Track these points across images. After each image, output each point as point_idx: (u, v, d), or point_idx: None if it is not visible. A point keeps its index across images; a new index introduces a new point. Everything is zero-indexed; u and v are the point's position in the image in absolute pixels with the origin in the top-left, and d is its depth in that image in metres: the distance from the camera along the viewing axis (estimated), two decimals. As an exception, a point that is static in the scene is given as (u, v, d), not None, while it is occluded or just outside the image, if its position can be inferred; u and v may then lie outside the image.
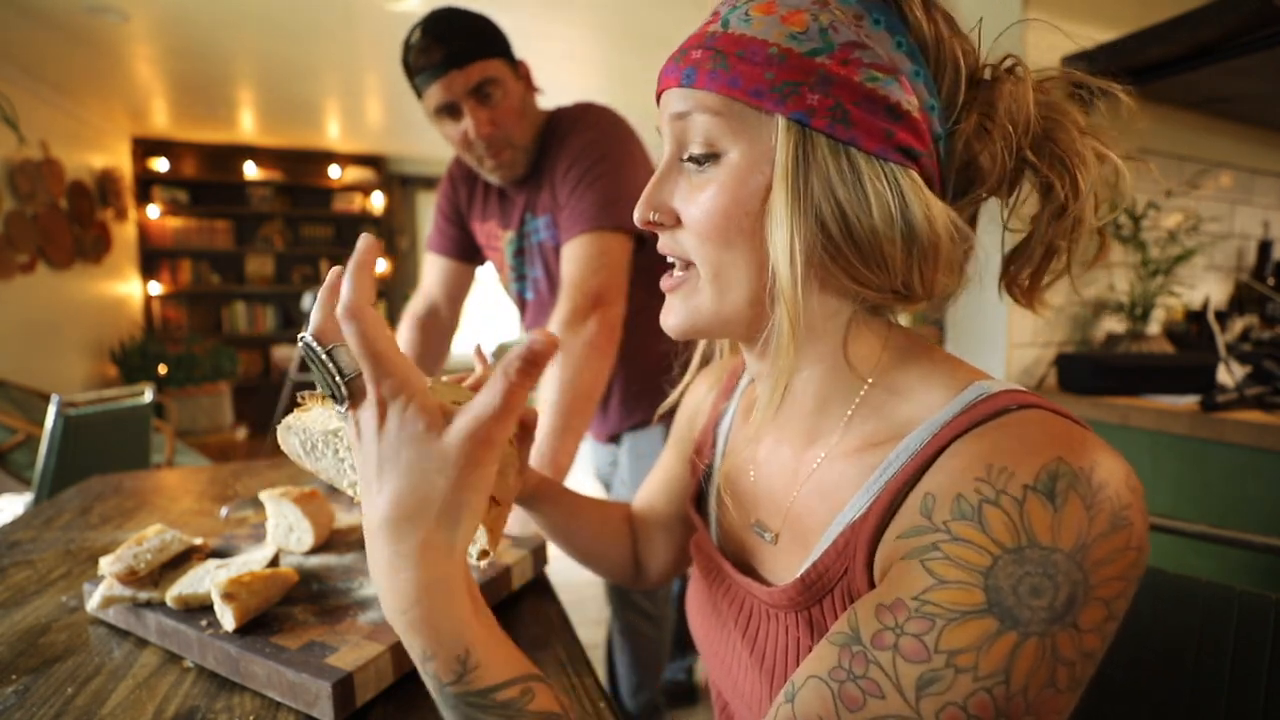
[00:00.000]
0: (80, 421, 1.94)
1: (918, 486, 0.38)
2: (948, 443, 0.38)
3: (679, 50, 0.43)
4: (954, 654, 0.31)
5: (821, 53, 0.39)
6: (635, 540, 0.74)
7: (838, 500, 0.44)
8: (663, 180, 0.45)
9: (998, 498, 0.33)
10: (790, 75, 0.39)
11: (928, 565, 0.34)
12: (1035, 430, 0.36)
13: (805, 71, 0.39)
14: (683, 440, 0.68)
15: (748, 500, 0.56)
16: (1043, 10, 1.63)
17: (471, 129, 1.06)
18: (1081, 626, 0.31)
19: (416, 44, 1.03)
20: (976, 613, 0.32)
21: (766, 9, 0.40)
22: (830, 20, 0.39)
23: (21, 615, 0.68)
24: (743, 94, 0.40)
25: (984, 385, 0.41)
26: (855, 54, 0.39)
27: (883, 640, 0.34)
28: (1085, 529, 0.32)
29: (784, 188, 0.39)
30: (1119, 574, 0.32)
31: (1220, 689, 0.57)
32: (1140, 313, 1.76)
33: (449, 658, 0.37)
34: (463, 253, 1.33)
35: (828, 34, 0.39)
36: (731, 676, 0.53)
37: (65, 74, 3.52)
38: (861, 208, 0.39)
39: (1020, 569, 0.32)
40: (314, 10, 2.78)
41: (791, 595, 0.45)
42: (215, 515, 0.99)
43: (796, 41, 0.39)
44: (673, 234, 0.46)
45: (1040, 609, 0.31)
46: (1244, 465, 1.27)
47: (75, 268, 4.04)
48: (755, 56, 0.39)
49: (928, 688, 0.31)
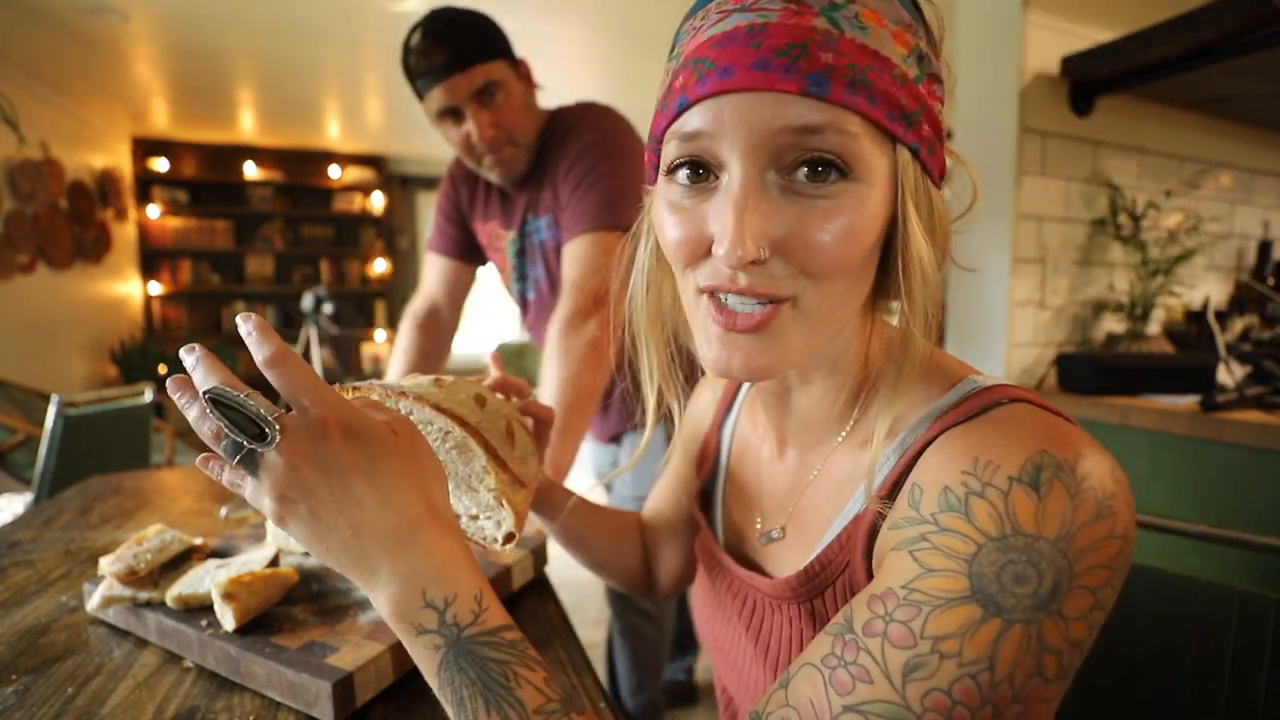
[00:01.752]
0: (80, 421, 1.94)
1: (908, 479, 0.39)
2: (937, 435, 0.38)
3: (783, 45, 0.35)
4: (939, 640, 0.32)
5: (921, 80, 0.38)
6: (646, 548, 0.74)
7: (841, 497, 0.45)
8: (758, 209, 0.37)
9: (984, 489, 0.34)
10: (913, 103, 0.37)
11: (916, 555, 0.34)
12: (1022, 424, 0.36)
13: (917, 99, 0.37)
14: (689, 443, 0.69)
15: (753, 500, 0.56)
16: (1043, 10, 1.63)
17: (475, 132, 1.06)
18: (1067, 615, 0.31)
19: (417, 47, 1.02)
20: (961, 599, 0.32)
21: (877, 19, 0.36)
22: (926, 48, 0.38)
23: (21, 615, 0.68)
24: (880, 115, 0.36)
25: (976, 380, 0.42)
26: (935, 87, 0.39)
27: (873, 628, 0.34)
28: (1069, 517, 0.32)
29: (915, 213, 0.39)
30: (1104, 562, 0.32)
31: (1220, 689, 0.57)
32: (1140, 313, 1.76)
33: (467, 597, 0.39)
34: (464, 253, 1.33)
35: (925, 62, 0.38)
36: (736, 670, 0.53)
37: (65, 74, 3.53)
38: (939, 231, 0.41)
39: (1004, 556, 0.32)
40: (314, 10, 2.78)
41: (794, 586, 0.46)
42: (215, 515, 0.99)
43: (908, 65, 0.37)
44: (765, 267, 0.38)
45: (1025, 596, 0.31)
46: (1244, 465, 1.27)
47: (75, 268, 4.04)
48: (885, 75, 0.36)
49: (913, 673, 0.32)
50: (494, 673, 0.37)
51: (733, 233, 0.36)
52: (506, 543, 0.51)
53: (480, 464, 0.50)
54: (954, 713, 0.31)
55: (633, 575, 0.73)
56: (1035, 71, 1.64)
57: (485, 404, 0.53)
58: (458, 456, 0.51)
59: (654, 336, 0.51)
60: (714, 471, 0.63)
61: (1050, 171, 1.69)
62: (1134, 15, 1.65)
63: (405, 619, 0.39)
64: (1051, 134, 1.68)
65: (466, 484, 0.51)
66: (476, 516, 0.52)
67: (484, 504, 0.51)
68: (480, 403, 0.53)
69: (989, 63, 1.68)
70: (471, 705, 0.37)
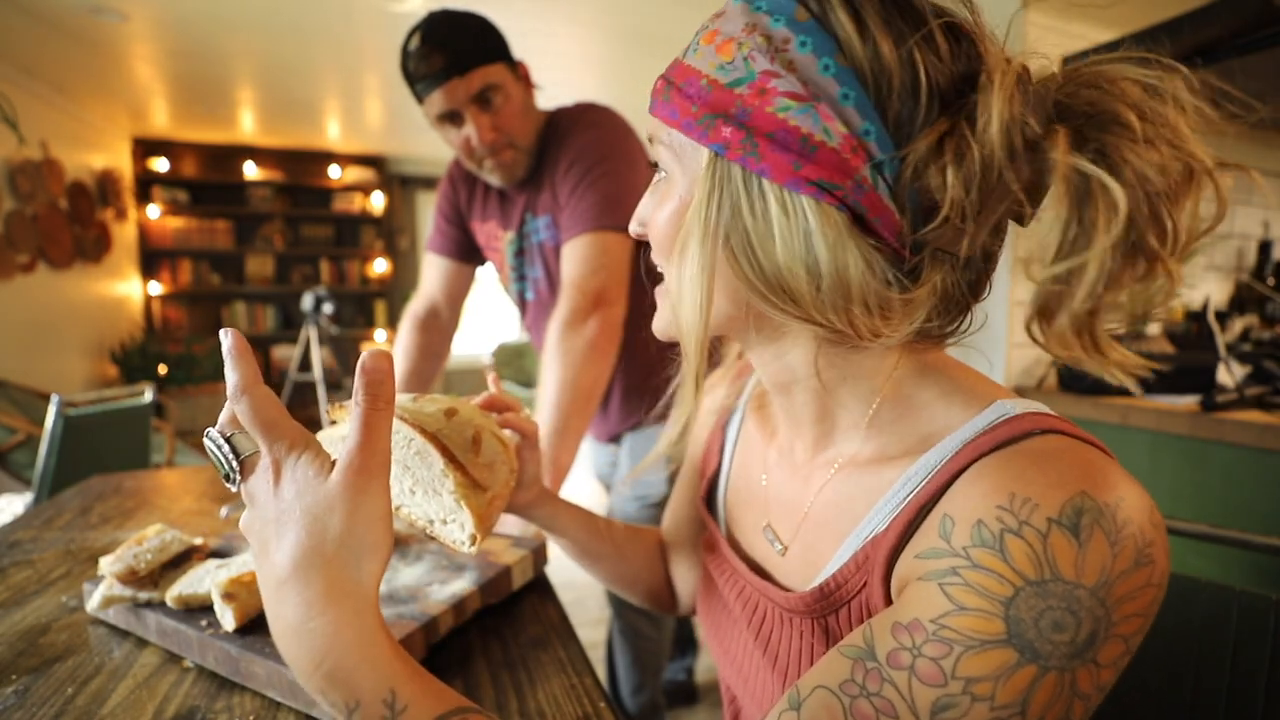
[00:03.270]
0: (80, 421, 1.94)
1: (937, 506, 0.38)
2: (968, 463, 0.37)
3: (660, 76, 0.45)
4: (971, 681, 0.31)
5: (742, 83, 0.38)
6: (667, 565, 0.73)
7: (854, 513, 0.44)
8: (647, 195, 0.48)
9: (1020, 528, 0.33)
10: (712, 108, 0.39)
11: (946, 590, 0.34)
12: (1060, 460, 0.35)
13: (725, 104, 0.38)
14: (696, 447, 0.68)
15: (758, 503, 0.56)
16: (1043, 10, 1.63)
17: (474, 136, 1.06)
18: (1100, 662, 0.31)
19: (415, 51, 1.02)
20: (996, 643, 0.32)
21: (709, 38, 0.40)
22: (752, 48, 0.38)
23: (21, 615, 0.68)
24: (679, 125, 0.41)
25: (1006, 405, 0.40)
26: (771, 83, 0.37)
27: (899, 660, 0.33)
28: (1109, 565, 0.32)
29: (697, 214, 0.40)
30: (1140, 611, 0.32)
31: (1220, 689, 0.57)
32: (1140, 313, 1.76)
33: (374, 702, 0.36)
34: (463, 253, 1.33)
35: (748, 63, 0.38)
36: (743, 674, 0.53)
37: (65, 74, 3.53)
38: (767, 238, 0.38)
39: (1043, 602, 0.31)
40: (314, 10, 2.78)
41: (808, 602, 0.45)
42: (215, 515, 0.99)
43: (723, 72, 0.39)
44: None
45: (1062, 644, 0.31)
46: (1244, 465, 1.27)
47: (75, 268, 4.04)
48: (690, 88, 0.40)
49: (943, 713, 0.31)
50: None
51: None
52: (471, 544, 0.52)
53: (439, 467, 0.52)
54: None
55: (656, 592, 0.72)
56: (1035, 72, 1.63)
57: (455, 415, 0.56)
58: (420, 462, 0.53)
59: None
60: (718, 474, 0.63)
61: (1050, 171, 1.69)
62: (1134, 15, 1.65)
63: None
64: (1051, 134, 1.68)
65: (432, 488, 0.53)
66: (446, 521, 0.54)
67: (448, 507, 0.53)
68: (450, 414, 0.56)
69: (989, 63, 1.68)
70: None
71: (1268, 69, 1.46)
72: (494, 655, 0.62)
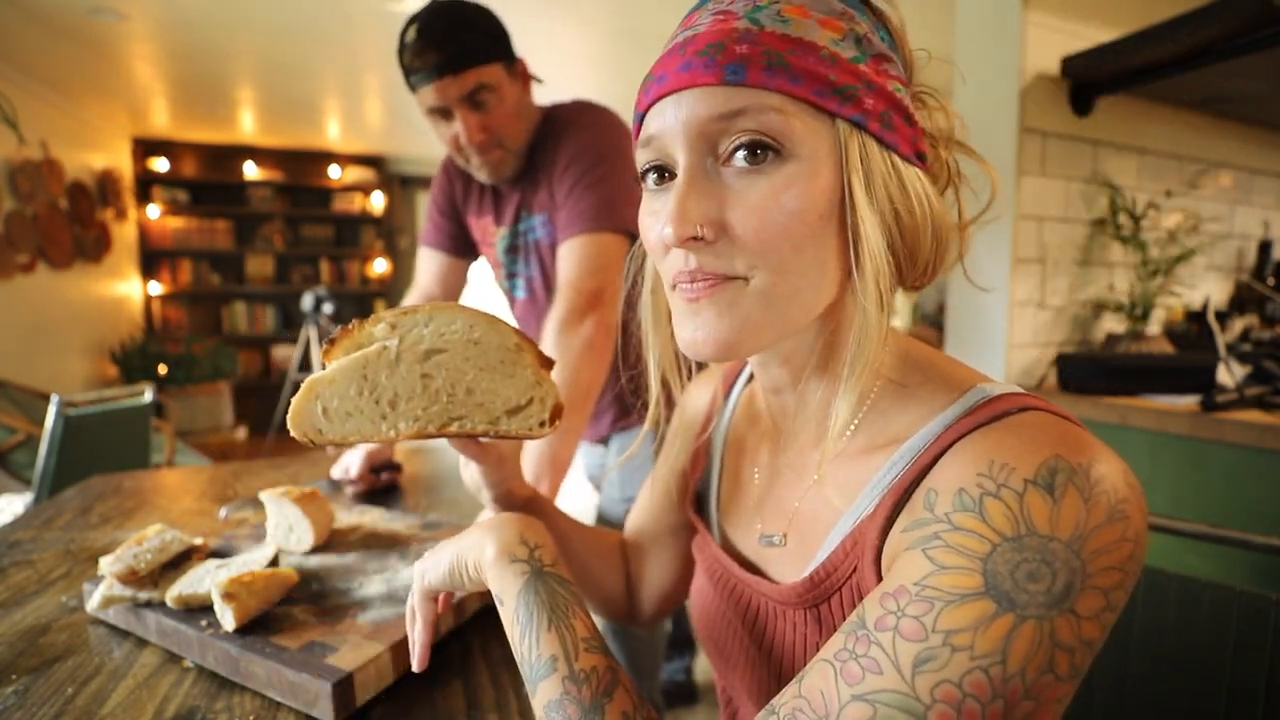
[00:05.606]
0: (80, 421, 1.94)
1: (922, 484, 0.39)
2: (950, 444, 0.39)
3: (703, 46, 0.39)
4: (951, 633, 0.32)
5: (862, 60, 0.40)
6: (628, 570, 0.72)
7: (844, 501, 0.45)
8: (697, 191, 0.40)
9: (998, 490, 0.34)
10: (846, 79, 0.39)
11: (929, 554, 0.35)
12: (1036, 429, 0.37)
13: (856, 76, 0.39)
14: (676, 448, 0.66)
15: (751, 502, 0.56)
16: (1043, 10, 1.63)
17: (463, 135, 1.06)
18: (1080, 613, 0.32)
19: (411, 44, 1.01)
20: (974, 595, 0.32)
21: (800, 12, 0.39)
22: (864, 31, 0.41)
23: (21, 615, 0.68)
24: (806, 92, 0.38)
25: (985, 388, 0.42)
26: (884, 65, 0.41)
27: (884, 623, 0.34)
28: (1083, 520, 0.33)
29: (861, 185, 0.40)
30: (1116, 564, 0.33)
31: (1220, 689, 0.57)
32: (1140, 313, 1.76)
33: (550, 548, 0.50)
34: (457, 248, 1.33)
35: (863, 44, 0.40)
36: (740, 673, 0.53)
37: (65, 74, 3.53)
38: (906, 207, 0.41)
39: (1019, 555, 0.32)
40: (314, 10, 2.78)
41: (800, 592, 0.46)
42: (215, 515, 0.99)
43: (840, 47, 0.39)
44: (714, 248, 0.41)
45: (1038, 593, 0.32)
46: (1244, 465, 1.27)
47: (75, 268, 4.05)
48: (809, 57, 0.38)
49: (923, 665, 0.32)
50: (559, 601, 0.46)
51: (671, 212, 0.40)
52: (554, 421, 0.50)
53: (512, 342, 0.51)
54: (964, 705, 0.31)
55: (611, 599, 0.70)
56: (1035, 72, 1.64)
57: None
58: (491, 344, 0.50)
59: (658, 334, 0.54)
60: (707, 472, 0.63)
61: (1050, 172, 1.69)
62: (1134, 15, 1.65)
63: (505, 554, 0.49)
64: (1051, 134, 1.68)
65: (503, 371, 0.50)
66: (519, 407, 0.51)
67: (522, 386, 0.51)
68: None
69: (989, 63, 1.68)
70: (538, 619, 0.45)
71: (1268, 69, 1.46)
72: (494, 655, 0.62)
